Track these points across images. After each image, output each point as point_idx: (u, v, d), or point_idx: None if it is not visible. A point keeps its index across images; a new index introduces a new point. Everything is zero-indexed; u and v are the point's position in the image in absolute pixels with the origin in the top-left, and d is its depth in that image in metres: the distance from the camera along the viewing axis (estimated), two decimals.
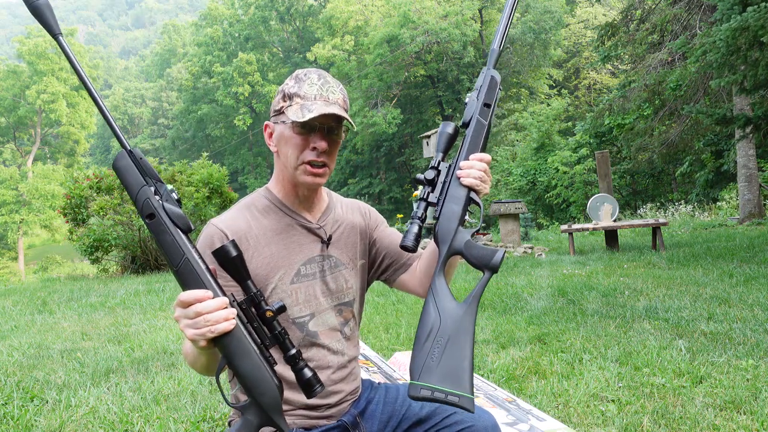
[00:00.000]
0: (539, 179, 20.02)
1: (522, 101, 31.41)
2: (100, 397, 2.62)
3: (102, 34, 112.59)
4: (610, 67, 27.98)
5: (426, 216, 1.15)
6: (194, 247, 1.00)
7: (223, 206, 9.80)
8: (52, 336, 4.15)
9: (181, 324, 0.97)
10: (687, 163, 15.23)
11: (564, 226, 8.32)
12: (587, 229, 8.20)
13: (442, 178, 1.17)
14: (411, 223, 1.14)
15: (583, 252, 8.40)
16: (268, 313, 1.02)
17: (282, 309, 1.03)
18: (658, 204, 17.31)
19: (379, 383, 1.49)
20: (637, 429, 2.11)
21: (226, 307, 0.97)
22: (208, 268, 1.00)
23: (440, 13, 29.10)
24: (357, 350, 1.43)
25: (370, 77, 29.98)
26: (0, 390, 2.79)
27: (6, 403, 2.59)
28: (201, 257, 1.00)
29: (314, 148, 1.24)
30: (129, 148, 1.00)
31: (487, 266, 1.10)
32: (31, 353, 3.63)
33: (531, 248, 9.05)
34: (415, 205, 1.16)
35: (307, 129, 1.23)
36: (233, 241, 1.01)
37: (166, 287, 6.42)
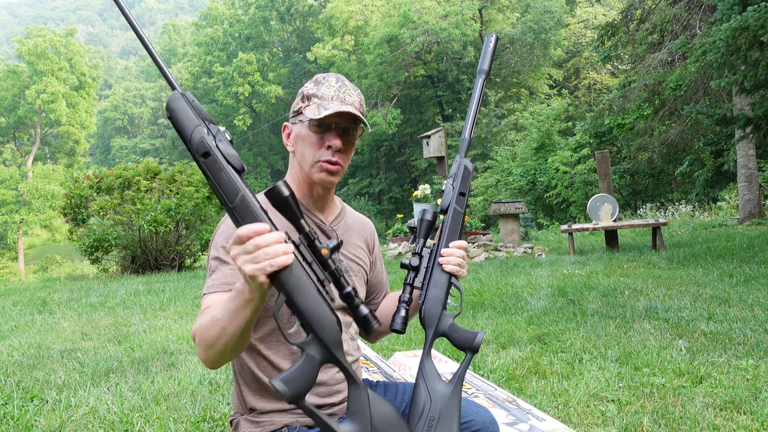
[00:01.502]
0: (539, 179, 20.01)
1: (522, 101, 31.42)
2: (100, 397, 2.62)
3: (102, 34, 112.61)
4: (610, 67, 27.99)
5: (412, 299, 1.26)
6: (248, 186, 0.99)
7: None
8: (52, 336, 4.15)
9: (239, 261, 0.95)
10: (687, 163, 15.23)
11: (564, 226, 8.32)
12: (587, 229, 8.20)
13: (425, 263, 1.28)
14: (398, 308, 1.25)
15: (583, 252, 8.40)
16: (323, 251, 1.01)
17: (337, 247, 1.03)
18: (658, 204, 17.31)
19: (377, 381, 1.50)
20: (637, 429, 2.11)
21: (283, 242, 0.96)
22: (262, 207, 0.99)
23: (440, 13, 29.10)
24: (359, 352, 1.45)
25: (370, 77, 29.98)
26: (0, 390, 2.79)
27: (6, 403, 2.59)
28: (254, 196, 0.99)
29: (329, 147, 1.28)
30: (181, 90, 0.99)
31: (470, 348, 1.22)
32: (31, 353, 3.63)
33: (531, 248, 9.05)
34: (401, 292, 1.28)
35: (323, 128, 1.28)
36: (284, 181, 1.00)
37: (166, 287, 6.42)
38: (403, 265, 1.28)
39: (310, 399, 1.29)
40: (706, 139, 13.77)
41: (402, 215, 11.83)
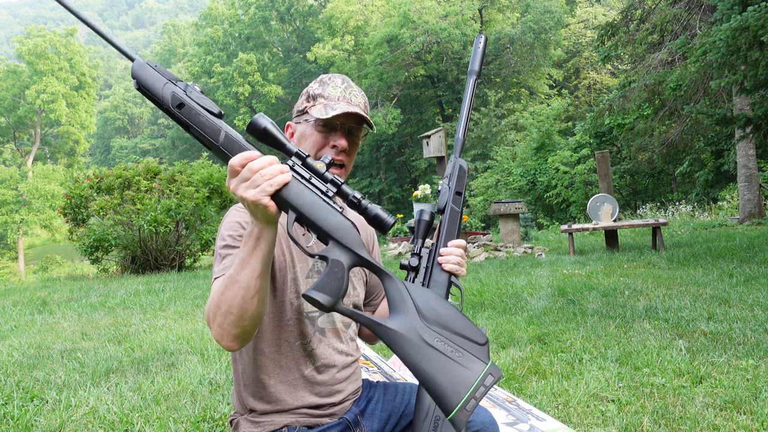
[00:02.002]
0: (539, 179, 20.02)
1: (522, 101, 31.41)
2: (100, 397, 2.62)
3: None
4: (610, 67, 28.00)
5: None
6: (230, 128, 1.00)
7: (224, 206, 9.80)
8: (52, 336, 4.15)
9: (239, 191, 0.94)
10: (687, 163, 15.24)
11: (564, 226, 8.32)
12: (587, 229, 8.20)
13: (424, 263, 1.27)
14: None
15: (583, 252, 8.40)
16: (319, 165, 1.00)
17: (332, 164, 1.03)
18: (658, 204, 17.31)
19: (377, 381, 1.51)
20: (637, 429, 2.11)
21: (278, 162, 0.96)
22: (247, 140, 0.99)
23: (440, 13, 29.10)
24: (359, 352, 1.45)
25: (370, 77, 29.98)
26: (0, 390, 2.79)
27: (6, 403, 2.59)
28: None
29: (334, 146, 1.29)
30: (142, 60, 0.99)
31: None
32: (31, 353, 3.63)
33: (531, 248, 9.05)
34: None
35: (329, 128, 1.29)
36: (262, 114, 0.99)
37: (166, 287, 6.42)
38: (402, 266, 1.28)
39: (310, 399, 1.29)
40: (706, 139, 13.77)
41: (402, 215, 11.83)
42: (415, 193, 9.10)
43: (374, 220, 1.02)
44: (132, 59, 0.98)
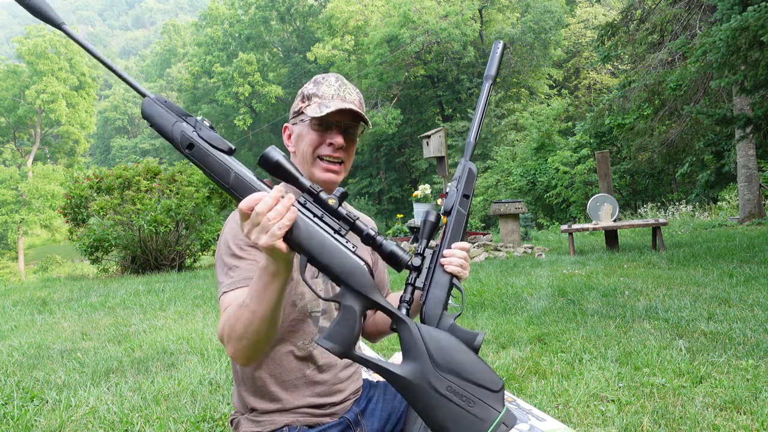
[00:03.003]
0: (539, 179, 20.01)
1: (522, 101, 31.41)
2: (100, 397, 2.62)
3: (102, 34, 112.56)
4: (610, 67, 28.00)
5: (413, 299, 1.23)
6: (241, 164, 0.99)
7: (224, 206, 9.80)
8: (52, 336, 4.15)
9: (252, 236, 0.94)
10: (687, 165, 15.22)
11: (564, 226, 8.32)
12: (587, 229, 8.20)
13: (427, 263, 1.26)
14: (399, 307, 1.21)
15: (583, 252, 8.39)
16: (330, 201, 1.00)
17: (344, 195, 1.02)
18: (658, 204, 17.30)
19: (377, 381, 1.51)
20: (637, 429, 2.11)
21: (282, 196, 0.94)
22: (259, 177, 0.99)
23: (440, 13, 29.09)
24: (360, 353, 1.45)
25: (370, 77, 29.97)
26: (0, 390, 2.79)
27: (6, 403, 2.59)
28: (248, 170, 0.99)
29: (330, 144, 1.29)
30: (151, 96, 1.00)
31: (470, 348, 1.19)
32: (31, 353, 3.63)
33: (531, 248, 9.05)
34: (402, 291, 1.25)
35: (324, 126, 1.29)
36: (274, 147, 1.00)
37: (166, 287, 6.42)
38: (405, 266, 1.28)
39: (311, 398, 1.29)
40: (706, 139, 13.77)
41: (402, 215, 11.82)
42: (415, 193, 9.09)
43: (389, 257, 1.03)
44: (144, 96, 0.99)
